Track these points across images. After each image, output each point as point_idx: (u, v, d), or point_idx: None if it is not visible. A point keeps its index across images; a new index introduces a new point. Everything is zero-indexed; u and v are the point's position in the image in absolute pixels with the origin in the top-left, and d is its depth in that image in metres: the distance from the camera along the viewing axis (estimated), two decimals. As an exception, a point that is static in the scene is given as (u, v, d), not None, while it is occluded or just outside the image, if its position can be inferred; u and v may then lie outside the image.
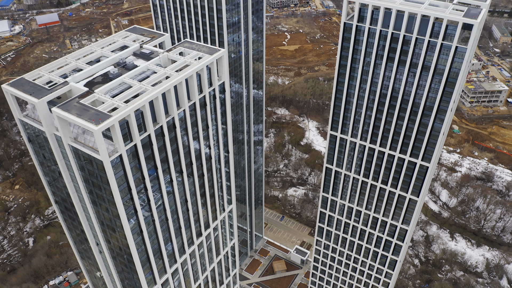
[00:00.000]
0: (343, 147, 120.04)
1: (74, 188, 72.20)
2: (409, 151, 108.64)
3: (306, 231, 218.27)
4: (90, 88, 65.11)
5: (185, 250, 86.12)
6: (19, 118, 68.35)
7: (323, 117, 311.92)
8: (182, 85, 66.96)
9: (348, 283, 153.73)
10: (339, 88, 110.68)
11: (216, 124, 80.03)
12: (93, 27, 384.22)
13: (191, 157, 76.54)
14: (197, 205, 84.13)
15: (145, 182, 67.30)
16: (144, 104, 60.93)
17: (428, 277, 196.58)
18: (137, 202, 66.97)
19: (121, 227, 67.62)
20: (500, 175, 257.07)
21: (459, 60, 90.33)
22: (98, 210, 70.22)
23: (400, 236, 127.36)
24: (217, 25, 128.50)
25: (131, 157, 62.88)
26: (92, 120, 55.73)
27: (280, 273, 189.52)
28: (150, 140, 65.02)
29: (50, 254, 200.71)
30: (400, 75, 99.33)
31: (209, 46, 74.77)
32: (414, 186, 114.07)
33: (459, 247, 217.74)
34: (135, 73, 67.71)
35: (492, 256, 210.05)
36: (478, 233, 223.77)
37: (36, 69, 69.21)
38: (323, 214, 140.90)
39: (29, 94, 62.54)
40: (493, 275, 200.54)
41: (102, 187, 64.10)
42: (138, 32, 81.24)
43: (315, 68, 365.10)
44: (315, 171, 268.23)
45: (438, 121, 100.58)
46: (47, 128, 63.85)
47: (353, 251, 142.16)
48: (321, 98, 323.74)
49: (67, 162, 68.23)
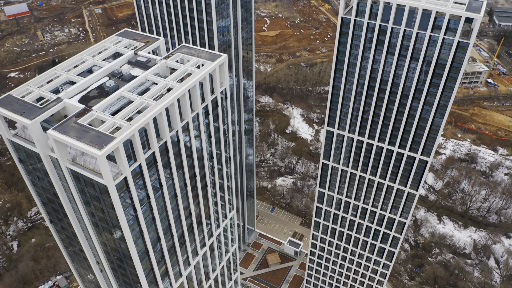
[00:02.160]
0: (341, 143, 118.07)
1: (72, 209, 67.67)
2: (408, 146, 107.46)
3: (297, 221, 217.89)
4: (86, 104, 60.19)
5: (189, 263, 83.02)
6: (8, 138, 62.91)
7: (307, 103, 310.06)
8: (186, 96, 62.74)
9: (345, 275, 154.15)
10: (336, 84, 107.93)
11: (218, 132, 76.23)
12: (65, 16, 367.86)
13: (195, 169, 72.79)
14: (201, 217, 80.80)
15: (150, 202, 63.41)
16: (148, 121, 56.62)
17: (419, 261, 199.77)
18: (143, 224, 63.14)
19: (127, 249, 63.80)
20: (483, 156, 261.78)
21: (461, 55, 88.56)
22: (100, 232, 66.08)
23: (398, 229, 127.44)
24: (205, 11, 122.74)
25: (136, 178, 58.77)
26: (94, 144, 51.23)
27: (275, 266, 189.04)
28: (154, 158, 60.92)
29: (37, 258, 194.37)
30: (400, 70, 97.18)
31: (209, 51, 70.35)
32: (413, 180, 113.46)
33: (447, 229, 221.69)
34: (134, 85, 62.96)
35: (479, 237, 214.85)
36: (464, 214, 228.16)
37: (24, 84, 63.51)
38: (319, 209, 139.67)
39: (19, 114, 57.20)
40: (481, 256, 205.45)
41: (106, 211, 59.96)
42: (130, 37, 75.86)
43: (296, 53, 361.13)
44: (302, 159, 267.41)
45: (438, 116, 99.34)
46: (41, 149, 58.87)
47: (350, 244, 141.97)
48: (304, 85, 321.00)
49: (64, 184, 63.56)
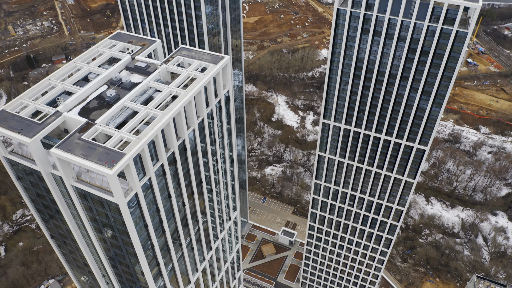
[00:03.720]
0: (337, 135, 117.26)
1: (76, 225, 64.78)
2: (405, 136, 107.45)
3: (289, 210, 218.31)
4: (87, 116, 56.91)
5: (197, 269, 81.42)
6: (4, 156, 59.22)
7: (291, 90, 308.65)
8: (192, 103, 60.11)
9: (342, 263, 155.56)
10: (332, 76, 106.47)
11: (222, 135, 73.97)
12: (37, 9, 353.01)
13: (201, 176, 70.56)
14: (207, 222, 78.95)
15: (160, 215, 61.10)
16: (157, 133, 53.95)
17: (411, 243, 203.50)
18: (153, 238, 60.90)
19: (138, 263, 61.61)
20: (466, 135, 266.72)
21: (459, 45, 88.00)
22: (108, 248, 63.56)
23: (396, 217, 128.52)
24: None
25: (146, 192, 56.29)
26: (104, 163, 48.41)
27: (270, 257, 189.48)
28: (163, 169, 58.42)
29: (26, 262, 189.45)
30: (397, 61, 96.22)
31: (210, 53, 67.52)
32: (410, 169, 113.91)
33: (435, 210, 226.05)
34: (136, 94, 59.87)
35: (466, 216, 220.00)
36: (451, 194, 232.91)
37: (17, 97, 59.59)
38: (316, 200, 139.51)
39: (17, 132, 53.56)
40: (469, 234, 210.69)
41: (116, 228, 57.42)
42: (124, 40, 72.07)
43: (277, 40, 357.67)
44: (290, 147, 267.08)
45: (436, 105, 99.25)
46: (42, 168, 55.55)
47: (347, 233, 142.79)
48: (287, 71, 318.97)
49: (67, 200, 60.53)
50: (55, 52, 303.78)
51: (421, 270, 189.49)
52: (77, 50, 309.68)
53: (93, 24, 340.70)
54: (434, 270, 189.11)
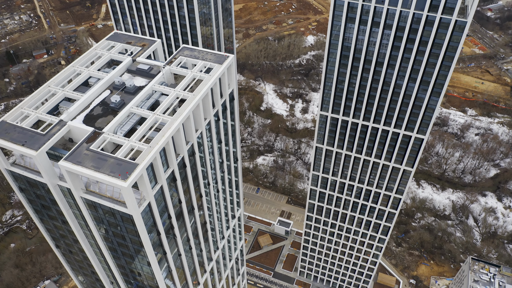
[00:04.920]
0: (334, 126, 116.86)
1: (84, 234, 63.09)
2: (404, 125, 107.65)
3: (283, 200, 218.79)
4: (93, 124, 54.86)
5: (205, 270, 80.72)
6: (6, 168, 56.88)
7: (279, 78, 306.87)
8: (200, 107, 58.50)
9: (340, 251, 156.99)
10: (330, 68, 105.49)
11: (227, 135, 72.64)
12: (14, 3, 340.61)
13: (209, 178, 69.34)
14: (215, 222, 78.03)
15: (171, 221, 59.85)
16: (168, 140, 52.36)
17: (404, 227, 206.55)
18: (166, 245, 59.71)
19: (151, 273, 60.49)
20: (453, 118, 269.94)
21: (458, 34, 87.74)
22: (118, 257, 62.15)
23: (394, 205, 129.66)
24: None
25: (158, 200, 54.89)
26: (117, 175, 46.76)
27: (267, 247, 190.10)
28: (174, 176, 56.97)
29: (20, 264, 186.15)
30: (396, 51, 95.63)
31: (213, 52, 65.68)
32: (408, 158, 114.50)
33: (426, 193, 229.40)
34: (141, 98, 57.90)
35: (456, 198, 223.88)
36: (441, 177, 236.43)
37: (16, 106, 57.06)
38: (313, 191, 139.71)
39: (20, 144, 51.32)
40: (460, 216, 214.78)
41: (128, 238, 56.01)
42: (122, 40, 69.53)
43: (263, 27, 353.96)
44: (280, 135, 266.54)
45: (435, 95, 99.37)
46: (49, 180, 53.52)
47: (345, 222, 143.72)
48: (274, 59, 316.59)
49: (75, 211, 58.74)
50: (35, 46, 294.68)
51: (415, 253, 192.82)
52: (58, 43, 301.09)
53: (73, 16, 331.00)
54: (428, 253, 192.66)
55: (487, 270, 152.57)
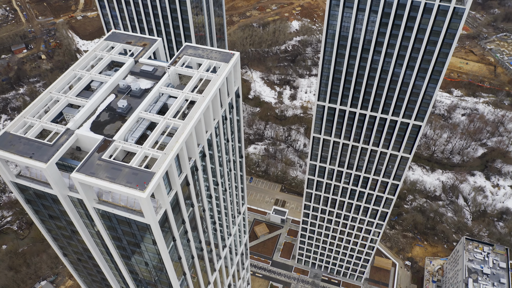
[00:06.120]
0: (332, 115, 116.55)
1: (95, 243, 61.63)
2: (402, 113, 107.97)
3: (277, 188, 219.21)
4: (101, 132, 52.93)
5: (215, 269, 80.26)
6: (11, 181, 54.73)
7: (266, 65, 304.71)
8: (210, 108, 57.08)
9: (338, 238, 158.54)
10: (327, 58, 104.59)
11: (233, 132, 71.47)
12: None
13: (217, 178, 68.31)
14: (223, 222, 77.35)
15: (185, 226, 58.82)
16: (182, 146, 50.99)
17: (397, 210, 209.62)
18: (181, 250, 58.79)
19: (167, 279, 59.63)
20: (440, 99, 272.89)
21: (456, 21, 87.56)
22: (132, 264, 61.02)
23: (391, 191, 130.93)
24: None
25: (173, 207, 53.72)
26: (135, 185, 45.36)
27: (264, 237, 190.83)
28: (187, 181, 55.76)
29: (14, 266, 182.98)
30: (394, 40, 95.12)
31: (218, 50, 63.95)
32: (406, 144, 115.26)
33: (416, 175, 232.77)
34: (149, 102, 56.06)
35: (446, 178, 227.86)
36: (430, 159, 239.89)
37: (18, 116, 54.66)
38: (311, 180, 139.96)
39: (28, 156, 49.22)
40: (450, 196, 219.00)
41: (144, 246, 54.86)
42: (121, 40, 67.07)
43: (246, 13, 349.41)
44: (270, 123, 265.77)
45: (432, 82, 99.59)
46: (59, 191, 51.70)
47: (343, 209, 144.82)
48: (260, 46, 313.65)
49: (85, 221, 57.16)
50: (13, 41, 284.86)
51: (409, 235, 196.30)
52: (37, 37, 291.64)
53: (50, 8, 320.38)
54: (422, 234, 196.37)
55: (481, 249, 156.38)
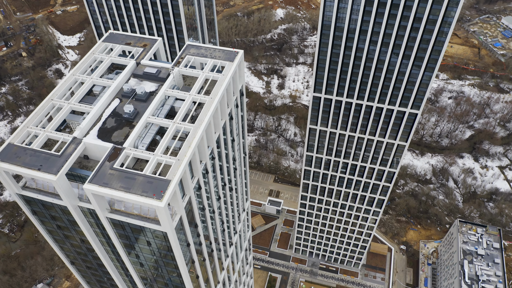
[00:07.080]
0: (328, 106, 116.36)
1: (105, 251, 60.52)
2: (398, 102, 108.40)
3: (270, 179, 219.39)
4: (109, 139, 51.46)
5: (223, 267, 80.00)
6: (17, 193, 53.03)
7: (252, 55, 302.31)
8: (218, 110, 56.04)
9: (335, 226, 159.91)
10: (323, 49, 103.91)
11: (238, 129, 70.61)
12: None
13: (225, 177, 67.57)
14: (230, 220, 76.87)
15: (198, 230, 58.12)
16: (195, 150, 50.00)
17: (390, 195, 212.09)
18: (194, 253, 58.17)
19: (181, 283, 59.07)
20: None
21: (452, 9, 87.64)
22: (145, 270, 60.20)
23: (388, 179, 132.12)
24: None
25: (187, 212, 52.90)
26: (152, 194, 44.33)
27: (260, 228, 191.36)
28: (199, 185, 54.88)
29: (8, 270, 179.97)
30: (390, 29, 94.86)
31: (221, 49, 62.70)
32: (402, 133, 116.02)
33: (407, 159, 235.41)
34: (156, 106, 54.68)
35: (436, 161, 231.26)
36: (419, 143, 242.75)
37: (21, 125, 52.74)
38: (307, 171, 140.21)
39: (36, 168, 47.57)
40: (441, 179, 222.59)
41: (157, 252, 54.01)
42: (121, 41, 65.08)
43: (230, 3, 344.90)
44: (260, 114, 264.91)
45: (428, 70, 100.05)
46: (69, 202, 50.33)
47: (340, 198, 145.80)
48: (246, 36, 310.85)
49: (96, 230, 55.96)
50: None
51: (403, 219, 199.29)
52: (17, 34, 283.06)
53: (28, 3, 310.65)
54: (415, 218, 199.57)
55: (474, 230, 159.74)
